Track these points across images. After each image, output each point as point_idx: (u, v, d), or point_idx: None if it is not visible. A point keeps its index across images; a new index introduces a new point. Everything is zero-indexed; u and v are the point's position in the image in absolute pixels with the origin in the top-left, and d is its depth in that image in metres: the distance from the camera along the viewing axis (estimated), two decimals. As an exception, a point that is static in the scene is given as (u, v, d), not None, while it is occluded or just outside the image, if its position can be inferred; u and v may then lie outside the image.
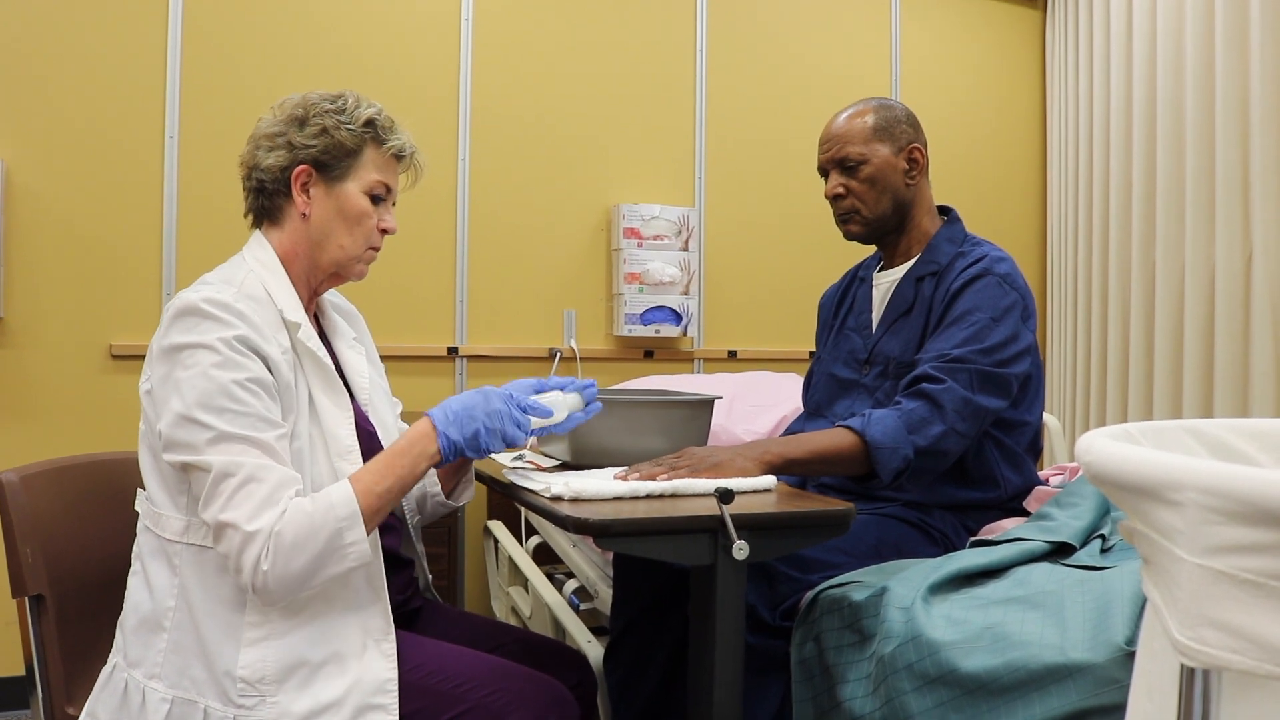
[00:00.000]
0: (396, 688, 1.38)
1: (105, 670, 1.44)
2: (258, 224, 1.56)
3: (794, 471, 1.69)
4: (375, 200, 1.54)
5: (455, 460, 1.51)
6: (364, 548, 1.35)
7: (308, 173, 1.50)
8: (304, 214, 1.51)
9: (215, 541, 1.31)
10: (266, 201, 1.53)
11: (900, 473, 1.69)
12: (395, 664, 1.39)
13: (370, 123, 1.53)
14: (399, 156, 1.57)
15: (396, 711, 1.37)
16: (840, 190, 1.97)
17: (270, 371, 1.38)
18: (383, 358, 1.78)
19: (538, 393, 1.51)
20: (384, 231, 1.56)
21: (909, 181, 1.96)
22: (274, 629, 1.34)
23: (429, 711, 1.40)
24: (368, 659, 1.38)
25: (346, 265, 1.55)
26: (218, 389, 1.32)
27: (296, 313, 1.48)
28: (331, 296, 1.69)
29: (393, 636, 1.42)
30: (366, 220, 1.53)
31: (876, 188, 1.95)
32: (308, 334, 1.48)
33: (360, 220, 1.52)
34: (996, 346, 1.77)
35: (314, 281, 1.57)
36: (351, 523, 1.34)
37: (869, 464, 1.69)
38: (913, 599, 1.41)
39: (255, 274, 1.47)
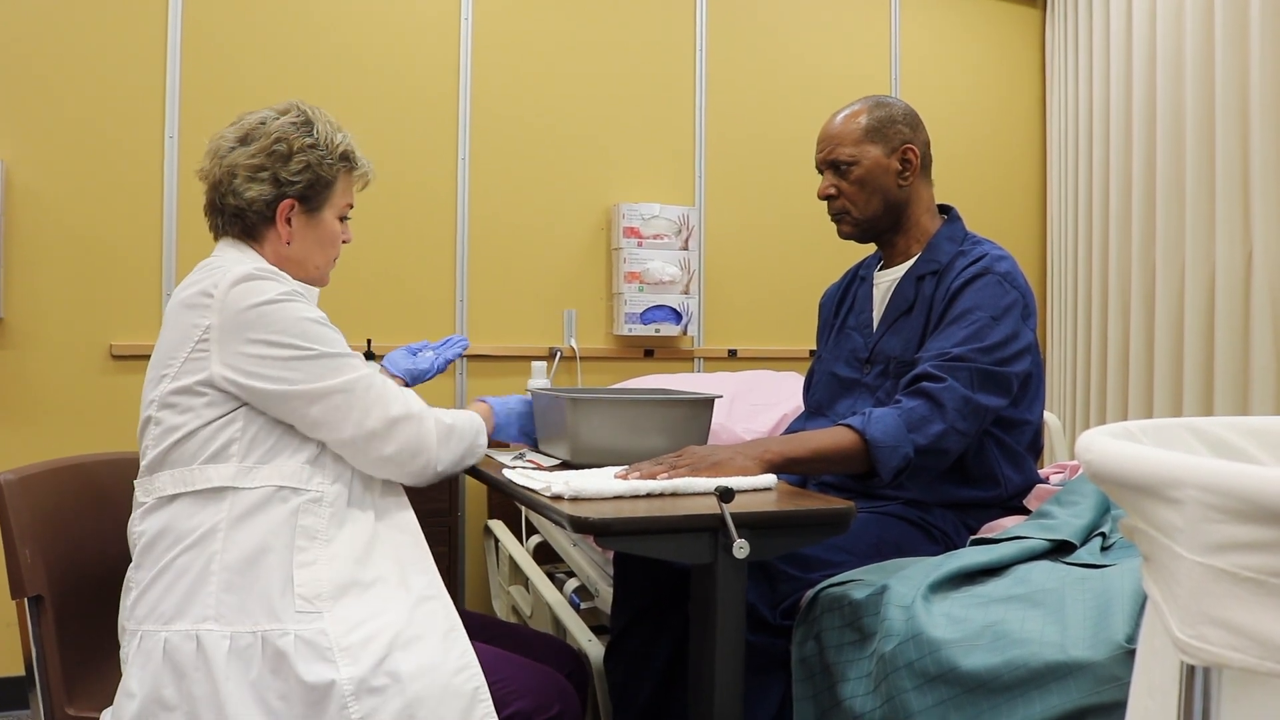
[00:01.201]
0: (443, 587, 1.51)
1: (129, 646, 1.42)
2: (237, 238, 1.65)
3: (794, 470, 1.69)
4: (342, 219, 1.68)
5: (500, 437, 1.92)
6: (484, 449, 1.71)
7: (292, 205, 1.60)
8: (286, 241, 1.62)
9: (383, 442, 1.51)
10: (247, 227, 1.62)
11: (900, 471, 1.69)
12: (436, 572, 1.53)
13: (345, 155, 1.65)
14: (363, 177, 1.71)
15: (450, 604, 1.49)
16: (831, 191, 1.98)
17: None
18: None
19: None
20: (344, 242, 1.70)
21: (902, 182, 1.95)
22: (320, 554, 1.44)
23: None
24: (410, 574, 1.50)
25: (317, 278, 1.68)
26: (315, 323, 1.49)
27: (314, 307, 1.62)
28: None
29: (429, 556, 1.55)
30: (336, 241, 1.67)
31: (866, 189, 1.94)
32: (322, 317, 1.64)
33: (333, 242, 1.67)
34: (997, 345, 1.77)
35: None
36: (483, 431, 1.70)
37: (869, 462, 1.68)
38: (913, 597, 1.41)
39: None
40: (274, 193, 1.59)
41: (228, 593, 1.38)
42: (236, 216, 1.60)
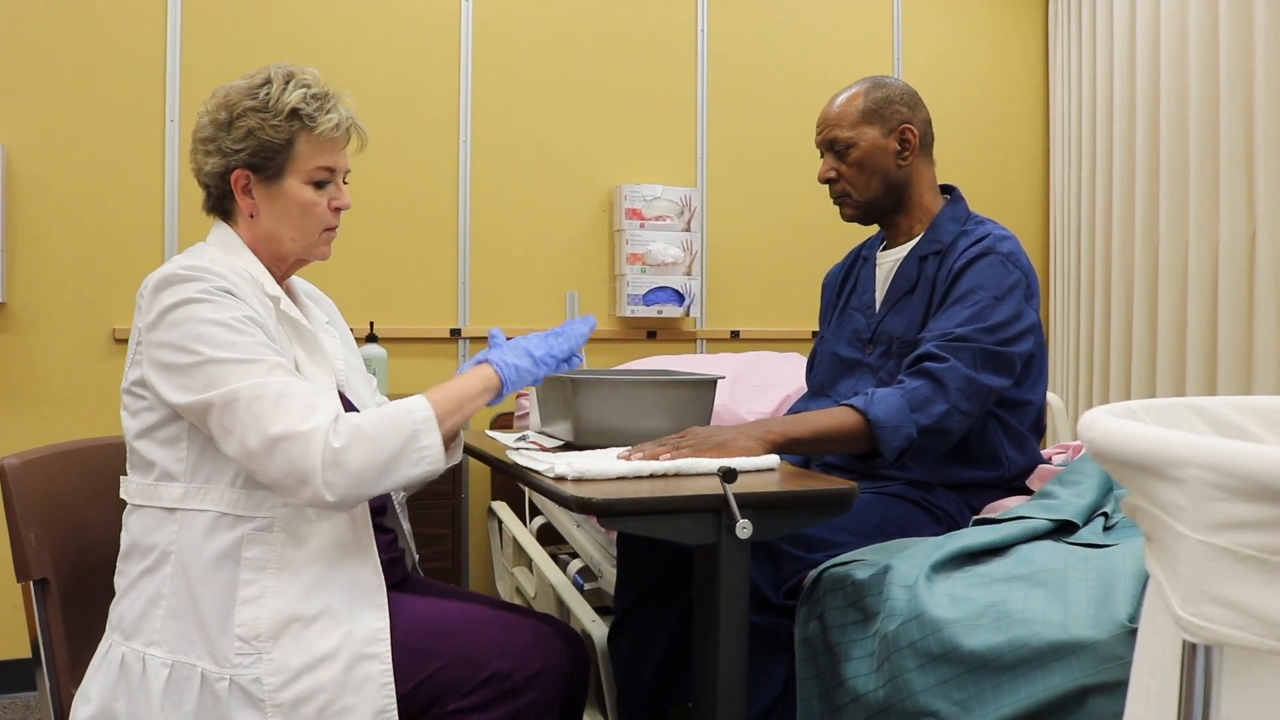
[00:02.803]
0: (388, 638, 1.41)
1: (100, 650, 1.45)
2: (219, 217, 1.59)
3: (797, 450, 1.69)
4: (320, 185, 1.53)
5: (514, 390, 1.55)
6: (438, 452, 1.39)
7: (245, 176, 1.51)
8: (251, 214, 1.53)
9: (265, 465, 1.31)
10: (217, 203, 1.56)
11: (903, 451, 1.69)
12: (386, 616, 1.42)
13: (295, 113, 1.49)
14: (335, 134, 1.53)
15: (389, 660, 1.39)
16: (831, 174, 1.97)
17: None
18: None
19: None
20: (336, 210, 1.56)
21: (901, 162, 1.94)
22: (267, 586, 1.37)
23: (409, 667, 1.42)
24: (359, 612, 1.41)
25: (308, 251, 1.57)
26: (219, 326, 1.35)
27: (274, 287, 1.51)
28: (301, 284, 1.71)
29: (383, 589, 1.44)
30: (314, 209, 1.53)
31: (865, 171, 1.94)
32: (289, 305, 1.52)
33: (307, 211, 1.53)
34: (1000, 325, 1.77)
35: (281, 268, 1.59)
36: (428, 426, 1.39)
37: (872, 442, 1.69)
38: (916, 577, 1.41)
39: (222, 260, 1.48)
40: (223, 164, 1.50)
41: (172, 619, 1.38)
42: (208, 193, 1.55)
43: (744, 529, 1.33)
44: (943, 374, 1.71)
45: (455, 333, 3.44)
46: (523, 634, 1.49)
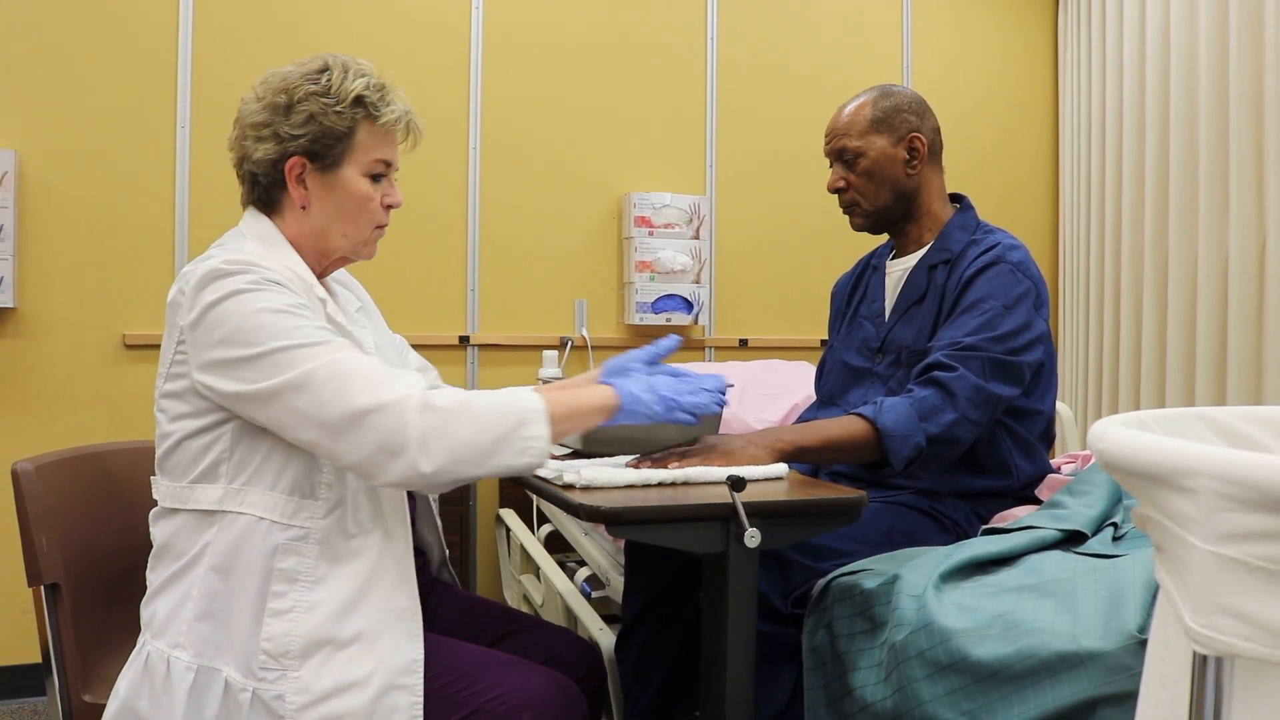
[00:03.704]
0: (422, 668, 1.37)
1: (137, 646, 1.43)
2: (259, 209, 1.53)
3: (806, 459, 1.69)
4: (376, 178, 1.50)
5: (626, 420, 1.49)
6: (544, 445, 1.34)
7: (301, 164, 1.45)
8: (303, 206, 1.48)
9: (352, 442, 1.28)
10: (263, 194, 1.49)
11: (912, 460, 1.69)
12: (421, 644, 1.39)
13: (360, 100, 1.46)
14: (395, 127, 1.51)
15: (421, 692, 1.36)
16: (840, 184, 1.97)
17: None
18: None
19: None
20: (389, 207, 1.53)
21: (910, 171, 1.95)
22: (299, 600, 1.34)
23: (434, 715, 1.39)
24: (394, 638, 1.37)
25: (355, 249, 1.53)
26: (275, 313, 1.32)
27: (320, 290, 1.46)
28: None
29: (419, 615, 1.41)
30: (369, 204, 1.49)
31: (875, 180, 1.94)
32: (334, 309, 1.48)
33: (363, 205, 1.49)
34: (1009, 334, 1.77)
35: (324, 265, 1.55)
36: (537, 417, 1.34)
37: (881, 451, 1.69)
38: (924, 587, 1.41)
39: (264, 254, 1.43)
40: (278, 150, 1.45)
41: (201, 621, 1.35)
42: (253, 182, 1.49)
43: (752, 538, 1.33)
44: (952, 383, 1.72)
45: (464, 340, 3.45)
46: (551, 688, 1.45)
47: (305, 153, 1.45)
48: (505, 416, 1.32)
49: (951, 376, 1.72)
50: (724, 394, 1.55)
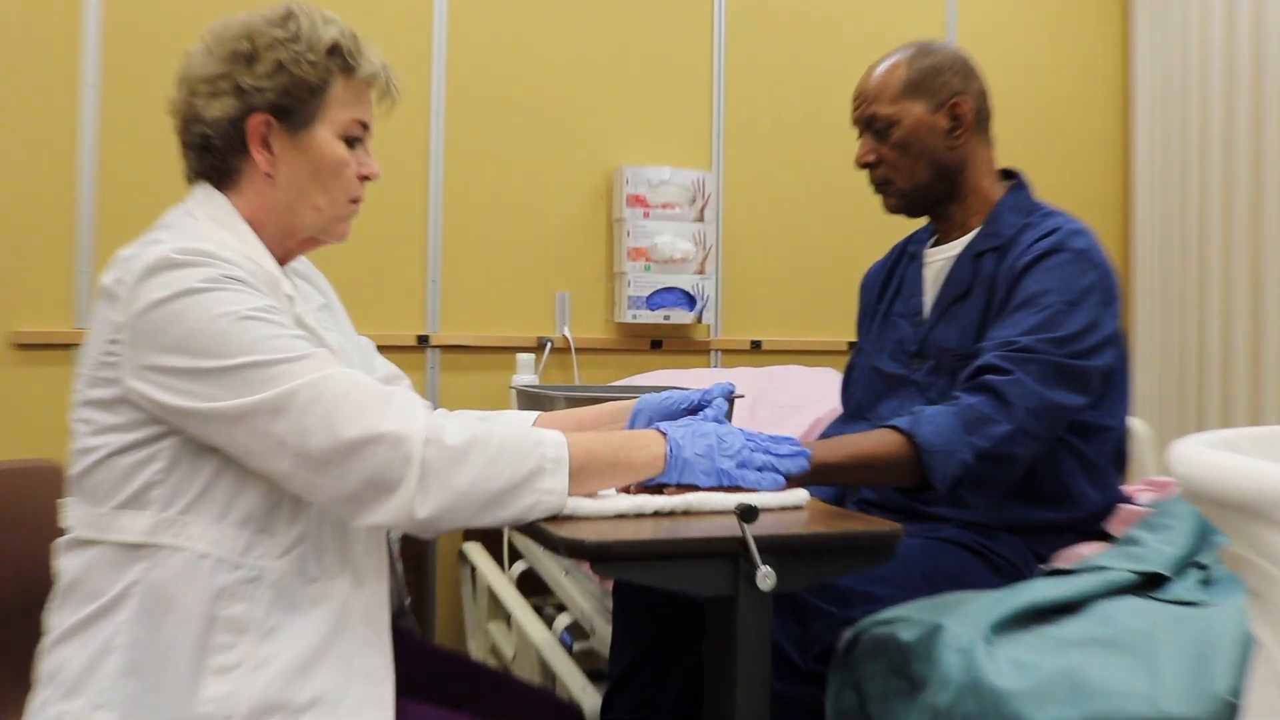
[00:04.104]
0: None
1: (30, 712, 1.39)
2: (212, 183, 1.50)
3: (828, 480, 1.68)
4: (351, 143, 1.50)
5: (668, 482, 1.49)
6: (558, 500, 1.36)
7: (266, 122, 1.44)
8: (267, 174, 1.46)
9: (336, 476, 1.28)
10: (217, 162, 1.48)
11: (958, 481, 1.68)
12: (392, 714, 1.38)
13: (335, 49, 1.46)
14: (372, 83, 1.51)
15: None
16: (871, 158, 1.98)
17: None
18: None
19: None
20: (365, 178, 1.53)
21: (952, 142, 1.94)
22: (246, 656, 1.32)
23: None
24: (360, 705, 1.36)
25: (327, 227, 1.53)
26: (246, 320, 1.31)
27: (289, 287, 1.45)
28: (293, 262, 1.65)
29: (391, 679, 1.40)
30: (345, 170, 1.49)
31: (910, 153, 1.94)
32: (305, 309, 1.46)
33: (338, 172, 1.49)
34: (1073, 336, 1.76)
35: (287, 248, 1.54)
36: (557, 467, 1.35)
37: (920, 471, 1.68)
38: (973, 639, 1.40)
39: (218, 238, 1.40)
40: (238, 106, 1.43)
41: (127, 677, 1.31)
42: (204, 149, 1.46)
43: (766, 579, 1.32)
44: (1006, 388, 1.71)
45: (422, 340, 3.44)
46: None
47: (271, 109, 1.44)
48: (522, 462, 1.34)
49: (1006, 381, 1.71)
50: (805, 459, 1.54)
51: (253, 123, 1.44)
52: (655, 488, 1.53)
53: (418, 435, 1.29)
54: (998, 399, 1.71)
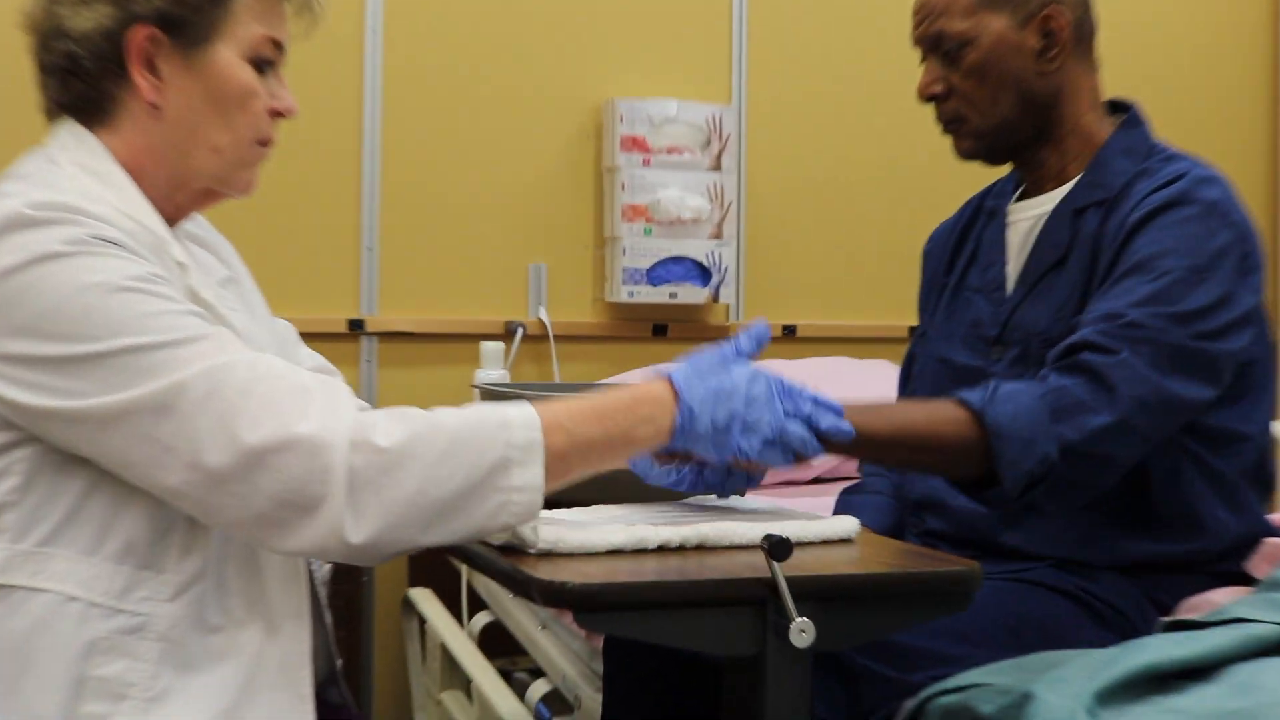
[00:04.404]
0: None
1: None
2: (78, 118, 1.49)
3: (867, 455, 1.68)
4: (260, 67, 1.50)
5: (679, 453, 1.48)
6: (531, 500, 1.33)
7: (151, 37, 1.43)
8: (152, 104, 1.45)
9: (238, 494, 1.26)
10: (87, 90, 1.46)
11: (1035, 481, 1.67)
12: None
13: None
14: None
15: None
16: (937, 88, 1.97)
17: None
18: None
19: None
20: (277, 114, 1.53)
21: (1044, 67, 1.94)
22: None
23: None
24: None
25: (228, 175, 1.53)
26: (122, 292, 1.29)
27: (180, 252, 1.45)
28: (184, 223, 1.63)
29: None
30: (252, 102, 1.49)
31: (989, 81, 1.93)
32: (200, 280, 1.47)
33: (244, 103, 1.48)
34: (1198, 312, 1.75)
35: (177, 203, 1.53)
36: (528, 456, 1.32)
37: (986, 462, 1.67)
38: (1072, 712, 1.39)
39: (87, 190, 1.40)
40: (115, 15, 1.41)
41: None
42: (69, 73, 1.45)
43: (803, 633, 1.31)
44: (1109, 371, 1.70)
45: (355, 326, 3.43)
46: None
47: (159, 19, 1.43)
48: (480, 456, 1.31)
49: (1110, 362, 1.70)
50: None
51: (134, 37, 1.43)
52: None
53: (341, 439, 1.26)
54: (1098, 383, 1.70)
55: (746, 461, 1.47)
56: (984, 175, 2.16)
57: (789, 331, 3.81)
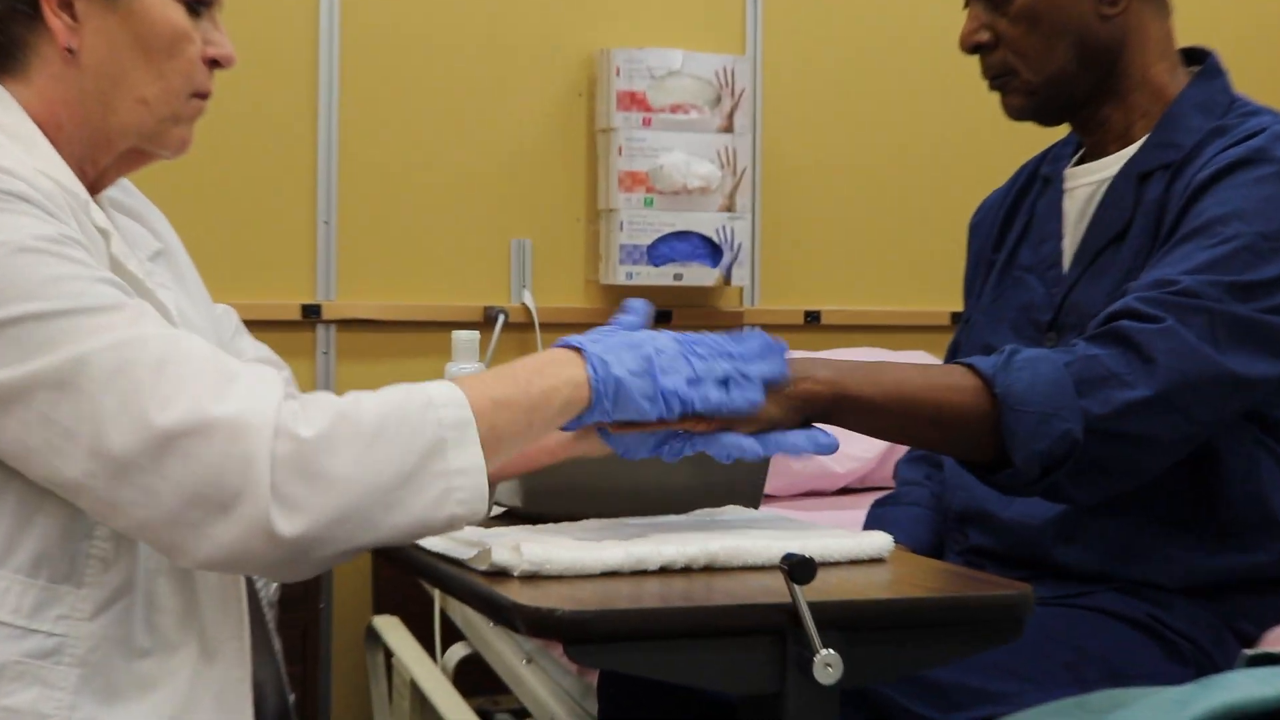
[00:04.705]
0: None
1: None
2: None
3: (848, 423, 1.65)
4: (194, 8, 1.51)
5: (603, 420, 1.48)
6: (476, 484, 1.34)
7: None
8: (68, 49, 1.45)
9: (147, 487, 1.25)
10: None
11: (1055, 462, 1.66)
12: None
13: None
14: None
15: None
16: (983, 37, 1.97)
17: None
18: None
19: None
20: (214, 63, 1.54)
21: (1107, 10, 1.94)
22: None
23: None
24: None
25: (158, 132, 1.53)
26: (19, 249, 1.29)
27: (101, 216, 1.46)
28: (109, 190, 1.65)
29: None
30: (184, 47, 1.50)
31: (1042, 27, 1.93)
32: (122, 248, 1.47)
33: (174, 48, 1.49)
34: (1266, 284, 1.74)
35: (99, 165, 1.54)
36: (462, 434, 1.33)
37: (995, 439, 1.67)
38: (1141, 758, 1.40)
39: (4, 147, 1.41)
40: None
41: None
42: None
43: (828, 667, 1.31)
44: (1149, 340, 1.68)
45: (311, 312, 3.43)
46: None
47: None
48: (412, 437, 1.31)
49: (1150, 330, 1.69)
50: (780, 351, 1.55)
51: None
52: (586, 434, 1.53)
53: (265, 423, 1.26)
54: (1134, 353, 1.68)
55: (693, 415, 1.48)
56: (1040, 138, 2.16)
57: (812, 318, 3.82)
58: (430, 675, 2.91)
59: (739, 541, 1.50)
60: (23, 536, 1.34)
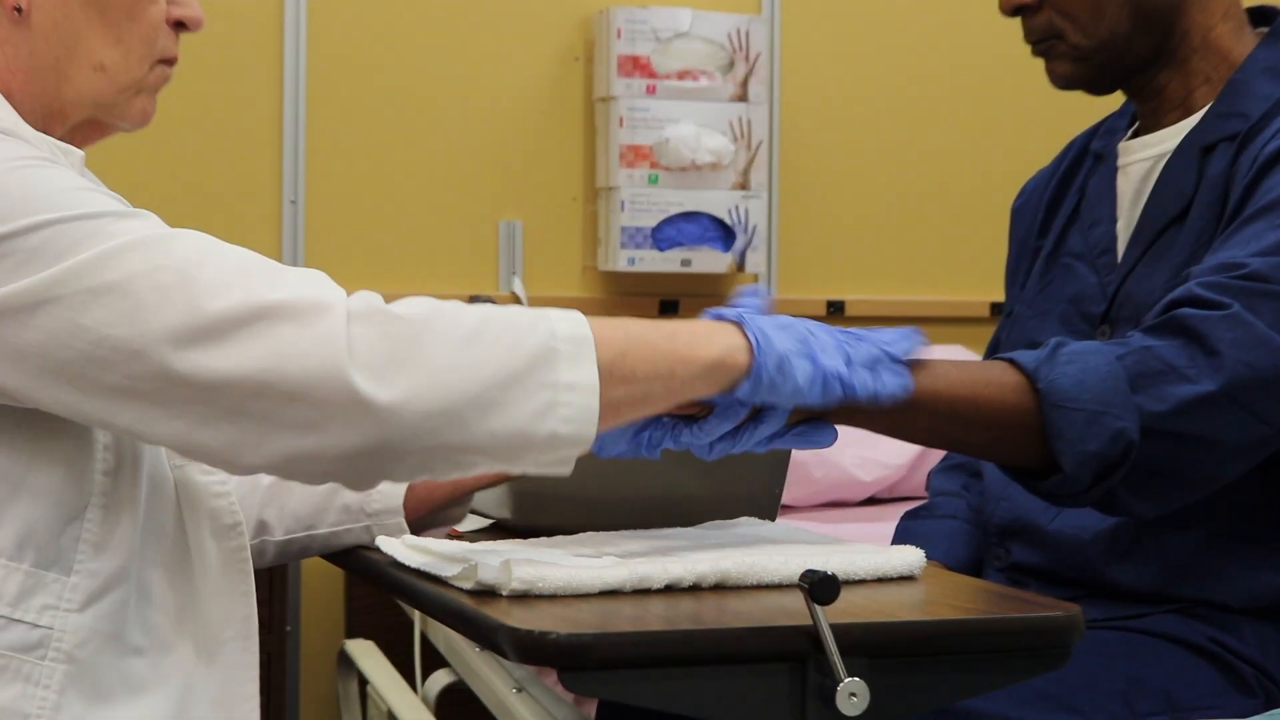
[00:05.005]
0: None
1: None
2: None
3: (874, 425, 1.65)
4: None
5: (752, 400, 1.47)
6: (586, 403, 1.31)
7: None
8: (16, 8, 1.46)
9: (201, 369, 1.23)
10: None
11: (1109, 467, 1.65)
12: None
13: None
14: None
15: None
16: None
17: None
18: None
19: None
20: (180, 25, 1.55)
21: None
22: None
23: None
24: None
25: (117, 102, 1.54)
26: (13, 166, 1.29)
27: (79, 160, 1.47)
28: None
29: None
30: (146, 7, 1.51)
31: None
32: (93, 182, 1.46)
33: (134, 10, 1.50)
34: None
35: (53, 137, 1.51)
36: (576, 350, 1.31)
37: (1040, 440, 1.66)
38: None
39: None
40: None
41: None
42: None
43: (853, 697, 1.32)
44: (1212, 329, 1.68)
45: (276, 302, 3.44)
46: None
47: None
48: (516, 342, 1.30)
49: (1213, 319, 1.68)
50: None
51: None
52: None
53: (336, 304, 1.26)
54: (1197, 344, 1.68)
55: (850, 401, 1.48)
56: (1092, 109, 2.16)
57: (835, 309, 3.82)
58: (410, 706, 2.91)
59: (754, 557, 1.50)
60: (4, 513, 1.33)
